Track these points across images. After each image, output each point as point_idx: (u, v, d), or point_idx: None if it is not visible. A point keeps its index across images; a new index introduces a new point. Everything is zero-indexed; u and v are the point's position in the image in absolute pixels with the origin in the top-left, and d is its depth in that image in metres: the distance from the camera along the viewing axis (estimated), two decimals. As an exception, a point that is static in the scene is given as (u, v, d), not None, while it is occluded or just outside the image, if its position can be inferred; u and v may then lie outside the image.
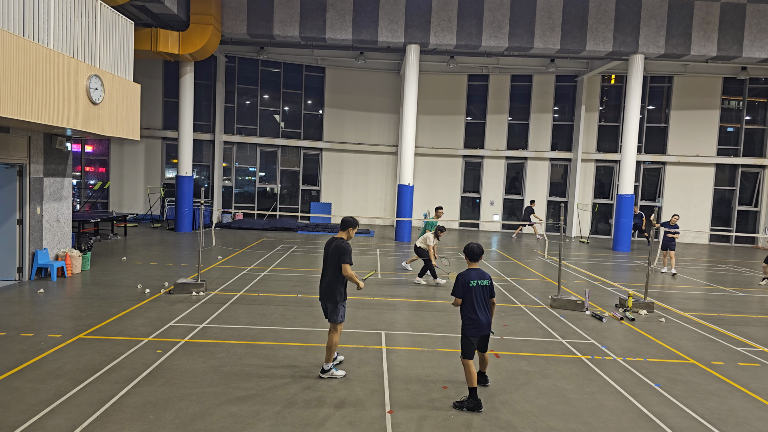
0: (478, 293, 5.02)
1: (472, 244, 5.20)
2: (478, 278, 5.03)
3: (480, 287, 5.03)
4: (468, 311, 5.00)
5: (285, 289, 9.44)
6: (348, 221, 5.54)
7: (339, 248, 5.33)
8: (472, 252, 5.16)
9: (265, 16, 16.32)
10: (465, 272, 5.08)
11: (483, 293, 5.04)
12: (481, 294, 5.03)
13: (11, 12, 6.61)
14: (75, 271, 9.94)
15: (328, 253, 5.41)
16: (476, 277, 5.03)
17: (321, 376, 5.39)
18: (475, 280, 5.02)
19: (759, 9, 16.32)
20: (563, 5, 16.42)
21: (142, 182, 20.85)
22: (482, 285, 5.04)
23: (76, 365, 5.41)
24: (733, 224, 21.46)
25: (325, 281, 5.42)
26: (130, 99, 9.60)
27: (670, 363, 6.35)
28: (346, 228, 5.51)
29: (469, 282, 5.00)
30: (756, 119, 21.35)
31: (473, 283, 5.00)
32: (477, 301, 4.99)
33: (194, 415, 4.47)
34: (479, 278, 5.04)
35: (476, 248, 5.16)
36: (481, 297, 5.01)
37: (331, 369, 5.41)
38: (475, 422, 4.59)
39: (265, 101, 21.97)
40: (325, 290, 5.42)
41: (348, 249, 5.34)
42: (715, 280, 12.61)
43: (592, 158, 21.77)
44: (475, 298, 5.00)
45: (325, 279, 5.43)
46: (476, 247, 5.17)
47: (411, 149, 17.44)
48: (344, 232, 5.51)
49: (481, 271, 5.11)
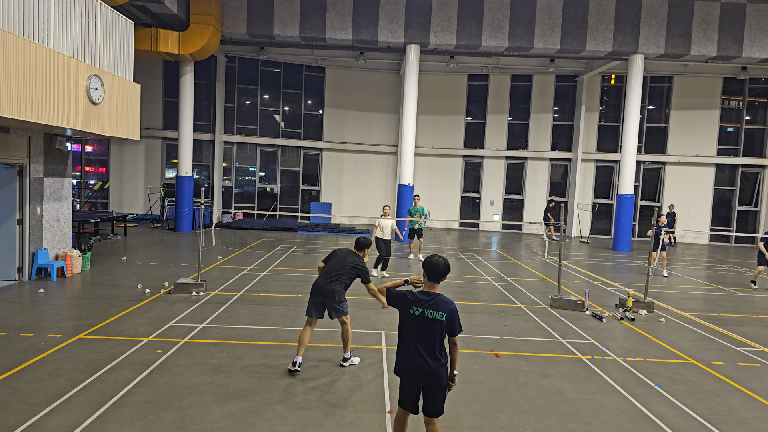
0: (420, 327, 3.54)
1: (437, 258, 3.60)
2: (425, 306, 3.53)
3: (426, 319, 3.52)
4: (401, 348, 3.65)
5: (285, 289, 9.45)
6: (364, 243, 5.81)
7: (359, 267, 5.59)
8: (434, 268, 3.58)
9: (265, 16, 16.32)
10: (413, 294, 3.65)
11: (430, 329, 3.52)
12: (426, 329, 3.52)
13: (11, 12, 6.62)
14: (75, 271, 9.94)
15: (342, 261, 5.60)
16: (424, 305, 3.54)
17: (342, 365, 5.73)
18: (421, 308, 3.54)
19: (759, 9, 16.32)
20: (563, 5, 16.42)
21: (142, 182, 20.85)
22: (429, 317, 3.51)
23: (76, 365, 5.41)
24: (733, 224, 21.47)
25: (329, 285, 5.50)
26: (130, 99, 9.60)
27: (670, 363, 6.35)
28: (362, 249, 5.80)
29: (412, 306, 3.58)
30: (756, 119, 21.35)
31: (415, 310, 3.55)
32: (410, 336, 3.57)
33: (194, 415, 4.47)
34: (429, 307, 3.53)
35: (441, 265, 3.58)
36: (420, 332, 3.54)
37: (350, 357, 5.80)
38: (475, 422, 4.59)
39: (265, 101, 21.98)
40: (326, 290, 5.50)
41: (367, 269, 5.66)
42: (715, 280, 12.61)
43: (592, 158, 21.78)
44: (411, 332, 3.58)
45: (331, 281, 5.51)
46: (441, 264, 3.59)
47: (411, 149, 17.44)
48: (361, 253, 5.80)
49: (438, 299, 3.56)
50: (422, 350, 3.53)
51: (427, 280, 3.64)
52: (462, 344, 6.64)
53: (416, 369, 3.55)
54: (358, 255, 5.72)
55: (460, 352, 4.48)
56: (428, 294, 3.60)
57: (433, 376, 3.54)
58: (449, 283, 10.57)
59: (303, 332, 5.56)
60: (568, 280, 11.49)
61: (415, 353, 3.55)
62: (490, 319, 7.94)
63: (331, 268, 5.58)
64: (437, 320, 3.51)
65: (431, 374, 3.53)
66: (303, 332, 5.56)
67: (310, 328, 5.60)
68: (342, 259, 5.60)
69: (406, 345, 3.61)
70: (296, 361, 5.43)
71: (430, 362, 3.52)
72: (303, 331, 5.58)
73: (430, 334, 3.52)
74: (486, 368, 5.87)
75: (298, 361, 5.44)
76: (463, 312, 8.27)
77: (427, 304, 3.55)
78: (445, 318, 3.51)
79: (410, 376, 3.59)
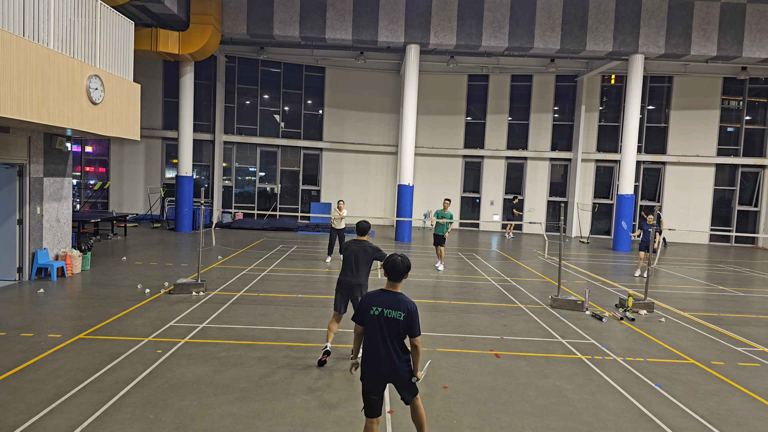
0: (381, 326, 3.56)
1: (396, 257, 3.63)
2: (385, 305, 3.57)
3: (385, 318, 3.55)
4: (365, 347, 3.67)
5: (285, 289, 9.44)
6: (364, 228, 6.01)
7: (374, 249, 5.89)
8: (392, 267, 3.61)
9: (265, 16, 16.32)
10: (372, 293, 3.69)
11: (389, 328, 3.55)
12: (386, 328, 3.55)
13: (11, 12, 6.61)
14: (75, 271, 9.94)
15: (358, 253, 5.86)
16: (383, 304, 3.57)
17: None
18: (380, 308, 3.57)
19: (759, 9, 16.32)
20: (563, 5, 16.42)
21: (142, 182, 20.85)
22: (389, 316, 3.54)
23: (76, 365, 5.41)
24: (733, 224, 21.47)
25: (355, 276, 5.85)
26: (130, 99, 9.60)
27: (670, 363, 6.35)
28: (364, 234, 6.03)
29: (371, 308, 3.60)
30: (756, 119, 21.35)
31: (375, 311, 3.58)
32: (375, 336, 3.57)
33: (194, 415, 4.47)
34: (388, 306, 3.56)
35: (399, 263, 3.60)
36: (383, 332, 3.56)
37: None
38: (475, 422, 4.59)
39: (265, 101, 21.98)
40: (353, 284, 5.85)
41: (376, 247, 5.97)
42: (715, 280, 12.61)
43: (592, 158, 21.78)
44: (374, 331, 3.58)
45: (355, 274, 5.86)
46: (399, 263, 3.60)
47: (411, 149, 17.44)
48: (365, 237, 6.04)
49: (396, 297, 3.59)
50: (383, 350, 3.57)
51: (388, 279, 3.67)
52: (462, 344, 6.65)
53: (381, 370, 3.60)
54: (363, 240, 5.99)
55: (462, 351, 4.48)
56: (388, 293, 3.64)
57: (397, 373, 3.61)
58: (449, 283, 10.57)
59: (331, 323, 5.93)
60: (568, 280, 11.49)
61: (378, 355, 3.59)
62: (490, 319, 7.94)
63: (349, 263, 5.88)
64: (396, 320, 3.55)
65: (395, 372, 3.60)
66: (331, 323, 5.93)
67: (337, 321, 5.96)
68: (355, 253, 5.88)
69: (370, 348, 3.64)
70: (327, 346, 5.75)
71: (393, 360, 3.57)
72: (331, 321, 5.93)
73: (389, 334, 3.57)
74: (486, 368, 5.87)
75: (328, 345, 5.75)
76: (463, 312, 8.28)
77: (386, 303, 3.59)
78: (403, 318, 3.54)
79: (376, 379, 3.63)
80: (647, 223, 12.31)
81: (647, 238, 12.35)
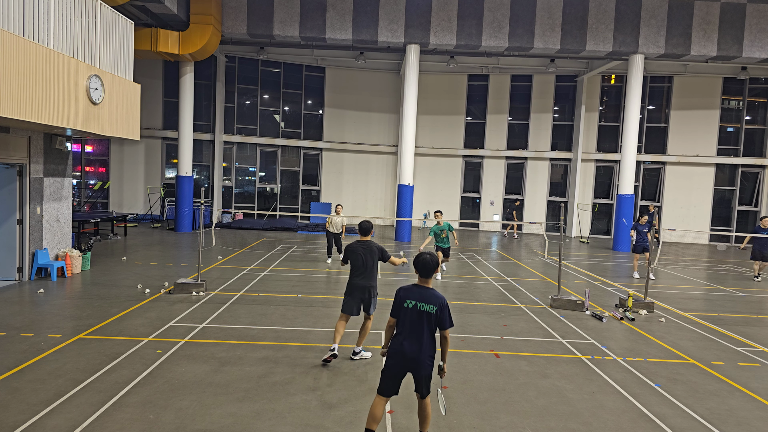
0: (413, 318, 3.91)
1: (426, 256, 4.02)
2: (418, 299, 3.92)
3: (417, 311, 3.90)
4: (395, 336, 4.03)
5: (285, 289, 9.45)
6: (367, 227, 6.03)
7: (379, 248, 5.95)
8: (424, 266, 4.00)
9: (265, 16, 16.32)
10: (406, 287, 4.05)
11: (421, 320, 3.88)
12: (418, 320, 3.89)
13: (11, 12, 6.61)
14: (75, 271, 9.94)
15: (366, 254, 5.87)
16: (417, 298, 3.93)
17: (353, 357, 5.96)
18: (414, 301, 3.93)
19: (759, 9, 16.32)
20: (563, 5, 16.42)
21: (142, 182, 20.85)
22: (422, 309, 3.88)
23: (76, 365, 5.41)
24: (733, 224, 21.47)
25: (367, 278, 5.89)
26: (130, 99, 9.60)
27: (670, 363, 6.34)
28: (367, 233, 6.03)
29: (405, 301, 3.97)
30: (756, 119, 21.36)
31: (409, 304, 3.94)
32: (406, 327, 3.92)
33: (194, 415, 4.47)
34: (421, 300, 3.91)
35: (429, 261, 3.99)
36: (415, 323, 3.90)
37: (361, 351, 6.01)
38: (475, 422, 4.59)
39: (265, 101, 21.98)
40: (365, 286, 5.87)
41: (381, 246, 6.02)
42: (715, 280, 12.61)
43: (592, 158, 21.78)
44: (405, 323, 3.94)
45: (367, 276, 5.89)
46: (429, 260, 4.00)
47: (411, 149, 17.44)
48: (368, 237, 6.04)
49: (429, 292, 3.95)
50: (413, 340, 3.90)
51: (419, 276, 4.04)
52: (462, 344, 6.65)
53: (406, 358, 3.90)
54: (368, 240, 5.98)
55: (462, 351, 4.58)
56: (421, 288, 3.99)
57: (420, 365, 3.90)
58: (449, 283, 10.58)
59: (339, 323, 5.88)
60: (568, 280, 11.49)
61: (406, 344, 3.91)
62: (490, 319, 7.94)
63: (360, 266, 5.88)
64: (429, 313, 3.88)
65: (418, 363, 3.90)
66: (339, 323, 5.88)
67: (344, 322, 5.93)
68: (363, 255, 5.87)
69: (400, 336, 3.97)
70: (334, 347, 5.73)
71: (420, 351, 3.88)
72: (339, 322, 5.89)
73: (421, 326, 3.89)
74: (486, 368, 5.87)
75: (335, 347, 5.74)
76: (463, 312, 8.28)
77: (420, 297, 3.93)
78: (435, 311, 3.87)
79: (399, 367, 3.94)
80: (640, 223, 12.40)
81: (641, 239, 12.40)
